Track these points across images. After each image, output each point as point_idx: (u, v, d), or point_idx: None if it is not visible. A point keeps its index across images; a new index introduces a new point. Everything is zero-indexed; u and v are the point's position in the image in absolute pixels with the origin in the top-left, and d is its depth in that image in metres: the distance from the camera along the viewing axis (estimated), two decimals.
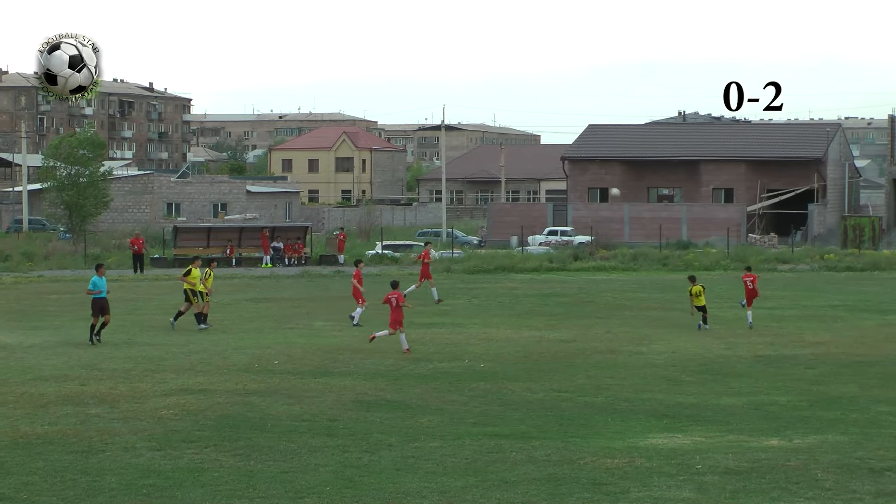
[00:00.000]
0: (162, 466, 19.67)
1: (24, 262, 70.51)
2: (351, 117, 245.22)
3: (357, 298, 40.73)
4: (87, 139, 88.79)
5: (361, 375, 29.35)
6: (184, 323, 39.07)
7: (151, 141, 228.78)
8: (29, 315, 44.40)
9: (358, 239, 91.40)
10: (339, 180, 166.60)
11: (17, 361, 31.74)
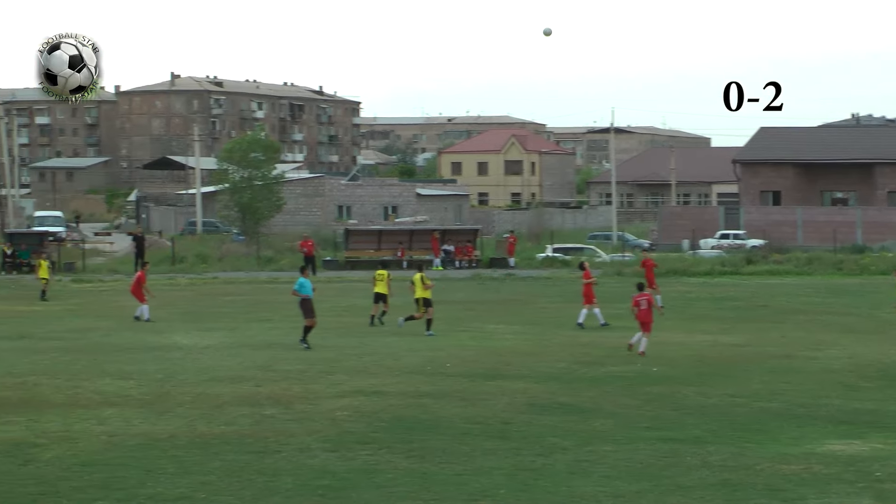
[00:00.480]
0: (336, 467, 19.80)
1: (198, 264, 71.78)
2: (519, 120, 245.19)
3: (588, 298, 41.03)
4: (261, 142, 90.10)
5: (534, 378, 29.27)
6: (353, 326, 39.27)
7: (322, 144, 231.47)
8: (204, 316, 45.14)
9: (528, 242, 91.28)
10: (509, 183, 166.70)
11: (193, 362, 32.27)
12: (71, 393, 27.05)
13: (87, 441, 21.74)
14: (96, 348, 35.25)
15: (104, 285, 61.06)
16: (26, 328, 40.88)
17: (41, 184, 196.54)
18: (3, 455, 20.60)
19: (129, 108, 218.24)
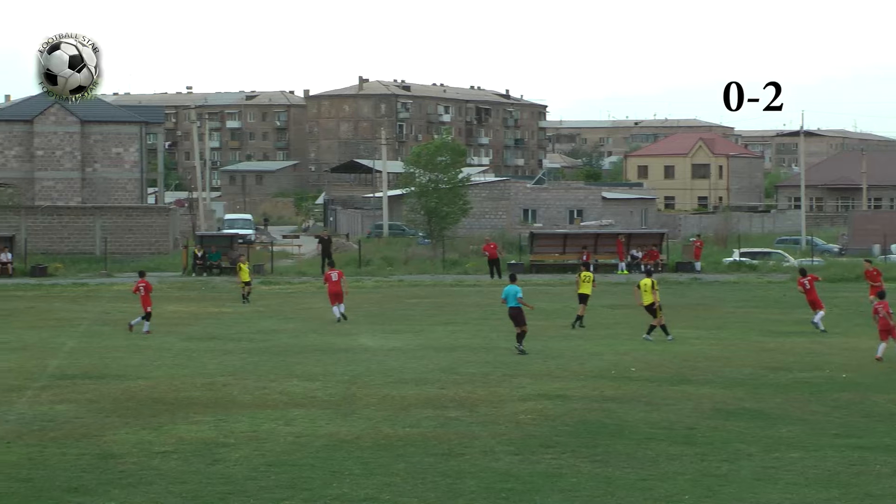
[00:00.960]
0: (520, 471, 19.77)
1: (384, 267, 72.42)
2: (707, 123, 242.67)
3: (815, 304, 40.66)
4: (447, 146, 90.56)
5: (719, 384, 28.89)
6: (537, 329, 39.17)
7: (508, 147, 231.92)
8: (389, 319, 45.50)
9: (715, 246, 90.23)
10: (696, 187, 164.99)
11: (379, 364, 32.53)
12: (259, 394, 27.47)
13: (274, 441, 22.05)
14: (284, 350, 35.77)
15: (292, 287, 61.96)
16: (216, 329, 41.67)
17: (231, 187, 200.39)
18: (192, 454, 20.99)
19: (318, 113, 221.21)
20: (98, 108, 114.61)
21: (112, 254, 77.58)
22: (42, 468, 19.88)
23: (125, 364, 32.57)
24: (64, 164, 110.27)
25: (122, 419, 24.17)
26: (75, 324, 43.59)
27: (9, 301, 53.34)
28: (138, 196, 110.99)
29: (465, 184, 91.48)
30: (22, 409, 25.34)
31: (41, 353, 34.83)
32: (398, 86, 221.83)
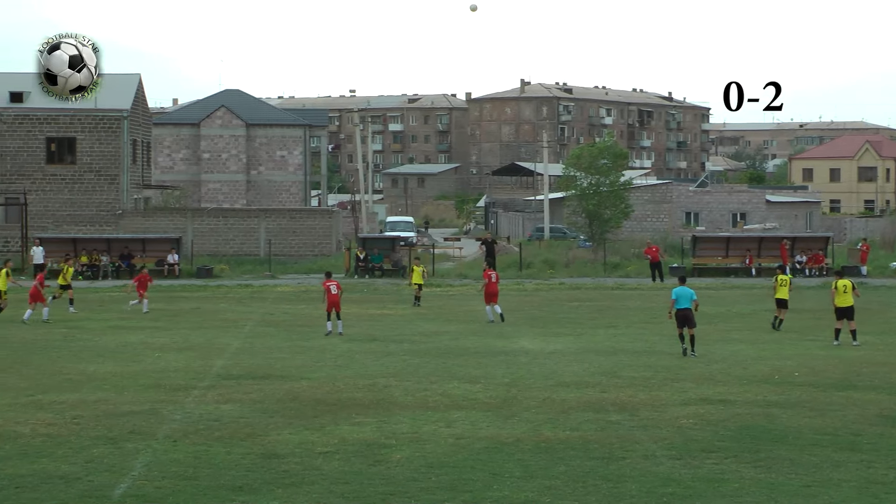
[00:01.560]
0: (681, 475, 19.61)
1: (544, 270, 72.33)
2: (874, 125, 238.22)
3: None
4: (608, 149, 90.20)
5: (886, 390, 28.33)
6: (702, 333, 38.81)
7: (670, 150, 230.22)
8: (550, 322, 45.42)
9: (881, 250, 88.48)
10: (862, 190, 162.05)
11: (540, 367, 32.50)
12: (420, 395, 27.62)
13: (435, 443, 22.15)
14: (444, 352, 35.91)
15: (453, 290, 62.18)
16: (377, 331, 41.99)
17: (393, 189, 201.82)
18: (354, 455, 21.18)
19: (480, 115, 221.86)
20: (263, 112, 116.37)
21: (276, 255, 78.63)
22: (207, 467, 20.21)
23: (288, 365, 32.99)
24: (230, 166, 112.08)
25: (285, 419, 24.49)
26: (240, 325, 44.27)
27: (175, 302, 54.36)
28: (302, 198, 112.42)
29: (626, 187, 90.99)
30: (188, 409, 25.80)
31: (207, 354, 35.44)
32: (560, 88, 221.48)
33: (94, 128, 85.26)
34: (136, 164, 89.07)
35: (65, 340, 38.72)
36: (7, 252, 79.17)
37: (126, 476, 19.52)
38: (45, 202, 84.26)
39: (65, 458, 20.74)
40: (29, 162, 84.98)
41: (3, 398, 27.09)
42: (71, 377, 30.57)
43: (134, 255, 73.70)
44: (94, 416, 24.71)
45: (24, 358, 34.39)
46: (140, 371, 31.72)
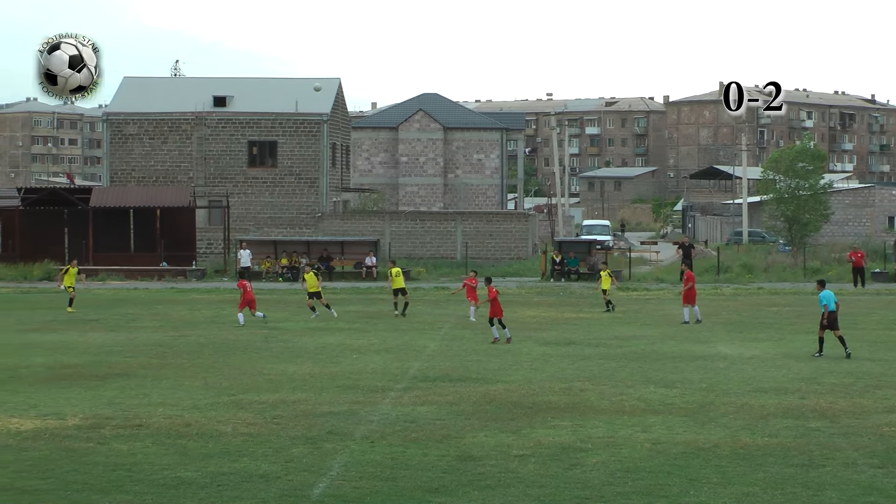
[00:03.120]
0: (884, 484, 19.18)
1: (743, 274, 71.39)
2: None
3: None
4: (808, 152, 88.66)
5: None
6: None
7: (872, 153, 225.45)
8: (748, 326, 44.82)
9: None
10: None
11: (738, 373, 32.09)
12: (615, 399, 27.49)
13: (630, 447, 22.03)
14: (641, 356, 35.69)
15: (649, 294, 61.75)
16: (573, 334, 41.90)
17: (590, 193, 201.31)
18: (549, 458, 21.17)
19: (678, 119, 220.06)
20: (460, 115, 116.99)
21: (472, 258, 78.98)
22: (404, 468, 20.39)
23: (484, 367, 33.11)
24: (427, 170, 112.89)
25: (481, 422, 24.58)
26: (437, 327, 44.57)
27: (373, 304, 54.97)
28: (498, 202, 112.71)
29: (826, 190, 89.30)
30: (385, 410, 26.06)
31: (404, 356, 35.75)
32: (760, 91, 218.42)
33: (294, 131, 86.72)
34: (336, 167, 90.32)
35: (265, 342, 39.43)
36: (210, 254, 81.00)
37: (324, 476, 19.79)
38: (247, 205, 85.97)
39: (265, 458, 21.12)
40: (231, 165, 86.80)
41: (206, 397, 27.71)
42: (271, 377, 31.11)
43: (333, 258, 74.73)
44: (293, 416, 25.12)
45: (226, 359, 35.11)
46: (338, 372, 32.14)
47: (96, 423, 24.27)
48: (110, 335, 41.50)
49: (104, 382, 30.05)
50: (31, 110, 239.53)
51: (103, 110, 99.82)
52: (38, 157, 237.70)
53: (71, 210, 78.14)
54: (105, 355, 35.76)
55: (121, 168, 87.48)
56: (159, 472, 19.96)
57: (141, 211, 77.83)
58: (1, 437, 22.84)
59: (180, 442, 22.39)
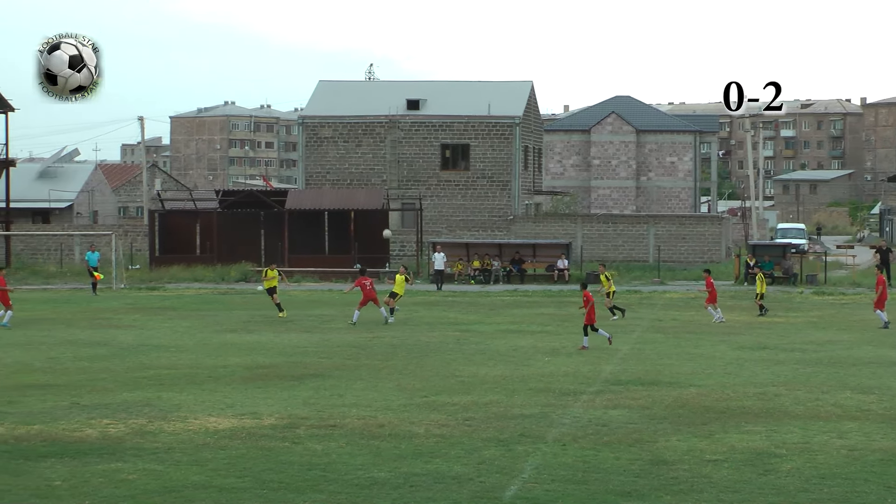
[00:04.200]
0: None
1: None
2: None
3: None
4: None
5: None
6: None
7: None
8: None
9: None
10: None
11: None
12: (811, 405, 27.05)
13: (826, 454, 21.66)
14: (837, 361, 35.05)
15: (845, 298, 60.63)
16: (767, 339, 41.34)
17: (784, 196, 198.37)
18: (743, 463, 20.92)
19: (875, 121, 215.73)
20: (653, 118, 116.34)
21: (664, 262, 78.45)
22: (596, 471, 20.34)
23: (677, 371, 32.86)
24: (619, 172, 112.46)
25: (673, 426, 24.40)
26: (629, 330, 44.35)
27: (565, 307, 54.91)
28: (691, 204, 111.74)
29: None
30: (577, 413, 26.02)
31: (596, 359, 35.64)
32: None
33: (487, 134, 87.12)
34: (528, 170, 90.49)
35: (458, 343, 39.68)
36: (403, 256, 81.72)
37: (516, 478, 19.84)
38: (439, 207, 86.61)
39: (457, 459, 21.24)
40: (424, 168, 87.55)
41: (399, 398, 27.97)
42: (463, 379, 31.29)
43: (524, 261, 74.86)
44: (485, 418, 25.22)
45: (419, 360, 35.41)
46: (530, 374, 32.19)
47: (291, 422, 24.68)
48: (305, 336, 42.16)
49: (299, 383, 30.54)
50: (228, 114, 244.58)
51: (299, 114, 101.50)
52: (236, 159, 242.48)
53: (267, 212, 79.61)
54: (300, 356, 36.35)
55: (315, 171, 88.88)
56: (353, 472, 20.22)
57: (335, 213, 78.92)
58: (199, 435, 23.36)
59: (374, 443, 22.64)
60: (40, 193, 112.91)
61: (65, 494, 18.65)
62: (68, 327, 45.35)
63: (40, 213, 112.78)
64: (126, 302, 58.27)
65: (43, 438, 22.97)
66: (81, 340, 40.69)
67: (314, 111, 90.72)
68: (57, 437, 23.05)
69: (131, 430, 23.76)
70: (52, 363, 34.68)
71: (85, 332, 43.66)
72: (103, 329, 44.61)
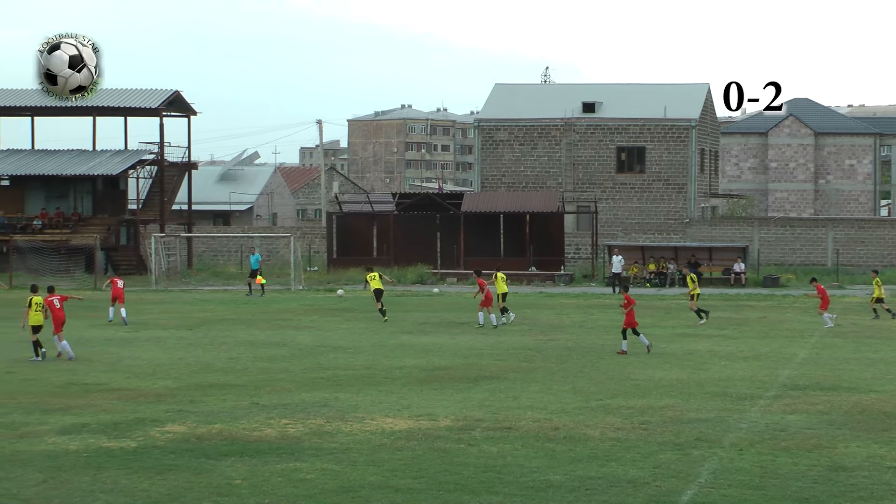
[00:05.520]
0: None
1: None
2: None
3: None
4: None
5: None
6: None
7: None
8: None
9: None
10: None
11: None
12: None
13: None
14: None
15: None
16: None
17: None
18: None
19: None
20: (832, 120, 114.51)
21: (843, 265, 77.14)
22: (774, 477, 20.10)
23: (857, 377, 32.30)
24: (797, 175, 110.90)
25: (852, 432, 24.00)
26: (806, 335, 43.73)
27: (742, 311, 54.35)
28: (871, 208, 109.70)
29: None
30: (754, 418, 25.74)
31: (773, 363, 35.22)
32: None
33: (662, 137, 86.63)
34: (704, 173, 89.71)
35: (633, 346, 39.50)
36: (578, 259, 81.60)
37: (693, 483, 19.70)
38: (615, 210, 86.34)
39: (633, 463, 21.16)
40: (600, 171, 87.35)
41: (575, 401, 27.95)
42: (638, 383, 31.15)
43: (700, 264, 74.21)
44: (661, 422, 25.08)
45: (594, 363, 35.33)
46: (706, 378, 31.91)
47: (467, 424, 24.80)
48: (480, 338, 42.33)
49: (475, 385, 30.69)
50: (405, 117, 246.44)
51: (475, 117, 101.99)
52: (412, 162, 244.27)
53: (443, 215, 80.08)
54: (475, 358, 36.50)
55: (491, 173, 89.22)
56: (528, 474, 20.26)
57: (511, 216, 79.10)
58: (376, 436, 23.61)
59: (549, 445, 22.66)
60: (221, 196, 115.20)
61: (245, 493, 19.00)
62: (248, 328, 46.17)
63: (221, 216, 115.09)
64: (304, 303, 59.12)
65: (223, 437, 23.43)
66: (261, 341, 41.41)
67: (490, 114, 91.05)
68: (237, 437, 23.50)
69: (309, 430, 24.11)
70: (233, 363, 35.35)
71: (264, 332, 44.41)
72: (282, 330, 45.32)
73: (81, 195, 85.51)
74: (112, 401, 28.06)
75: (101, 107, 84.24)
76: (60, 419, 25.47)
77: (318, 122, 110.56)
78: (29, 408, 27.03)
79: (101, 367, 34.43)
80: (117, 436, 23.58)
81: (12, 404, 27.53)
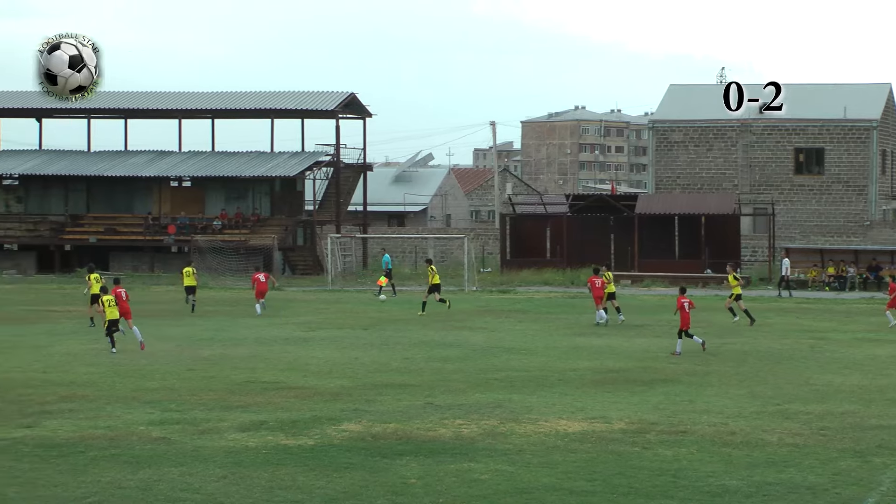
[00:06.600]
0: None
1: None
2: None
3: None
4: None
5: None
6: None
7: None
8: None
9: None
10: None
11: None
12: None
13: None
14: None
15: None
16: None
17: None
18: None
19: None
20: None
21: None
22: None
23: None
24: None
25: None
26: None
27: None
28: None
29: None
30: None
31: None
32: None
33: (842, 138, 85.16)
34: (885, 174, 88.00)
35: (812, 351, 38.88)
36: (755, 261, 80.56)
37: (874, 490, 19.31)
38: (793, 213, 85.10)
39: (811, 469, 20.81)
40: (777, 172, 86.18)
41: (752, 406, 27.58)
42: (817, 388, 30.62)
43: (882, 268, 72.68)
44: (840, 428, 24.62)
45: (771, 367, 34.84)
46: (888, 385, 31.24)
47: (641, 427, 24.63)
48: (655, 341, 42.00)
49: (649, 388, 30.47)
50: (579, 119, 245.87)
51: (649, 118, 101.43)
52: (586, 164, 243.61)
53: (617, 217, 79.72)
54: (650, 361, 36.24)
55: (665, 175, 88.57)
56: (704, 479, 20.05)
57: (686, 218, 78.42)
58: (550, 438, 23.57)
59: (725, 450, 22.39)
60: (396, 197, 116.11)
61: (419, 492, 19.11)
62: (422, 328, 46.44)
63: (395, 217, 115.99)
64: (478, 304, 59.28)
65: (398, 437, 23.60)
66: (435, 341, 41.62)
67: (665, 115, 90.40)
68: (411, 436, 23.65)
69: (483, 431, 24.16)
70: (407, 363, 35.60)
71: (438, 332, 44.63)
72: (456, 331, 45.50)
73: (260, 196, 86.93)
74: (290, 399, 28.46)
75: (279, 109, 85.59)
76: (240, 416, 25.91)
77: (492, 124, 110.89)
78: (210, 405, 27.55)
79: (280, 365, 34.95)
80: (295, 433, 23.90)
81: (194, 401, 28.09)
